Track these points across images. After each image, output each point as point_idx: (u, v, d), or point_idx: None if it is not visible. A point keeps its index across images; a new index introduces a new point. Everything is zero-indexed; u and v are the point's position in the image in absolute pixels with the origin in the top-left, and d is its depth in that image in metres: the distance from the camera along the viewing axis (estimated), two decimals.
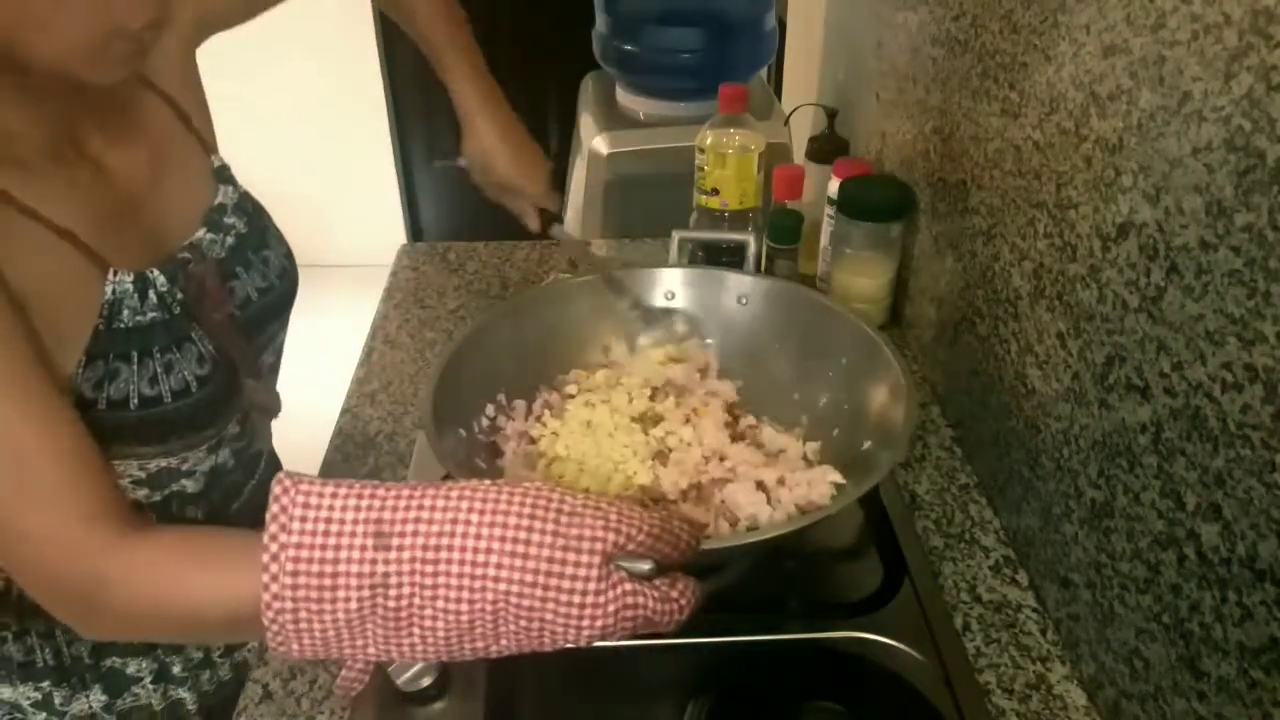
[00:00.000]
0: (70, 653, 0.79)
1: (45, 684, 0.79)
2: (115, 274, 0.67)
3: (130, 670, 0.82)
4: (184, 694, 0.85)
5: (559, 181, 1.04)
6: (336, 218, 3.18)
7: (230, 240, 0.78)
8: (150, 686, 0.83)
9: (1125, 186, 0.66)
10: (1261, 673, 0.54)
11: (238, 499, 0.84)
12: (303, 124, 3.00)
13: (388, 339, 1.20)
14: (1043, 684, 0.75)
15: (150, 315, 0.69)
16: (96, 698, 0.81)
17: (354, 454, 1.01)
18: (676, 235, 1.03)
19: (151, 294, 0.69)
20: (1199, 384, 0.58)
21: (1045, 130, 0.78)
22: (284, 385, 0.89)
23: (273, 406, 0.87)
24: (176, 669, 0.84)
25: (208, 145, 0.79)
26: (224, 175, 0.79)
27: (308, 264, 0.86)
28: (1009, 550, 0.87)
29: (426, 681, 0.71)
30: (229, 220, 0.78)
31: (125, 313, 0.67)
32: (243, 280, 0.78)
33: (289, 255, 0.84)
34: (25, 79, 0.62)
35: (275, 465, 0.94)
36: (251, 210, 0.81)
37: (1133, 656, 0.67)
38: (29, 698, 0.79)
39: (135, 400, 0.68)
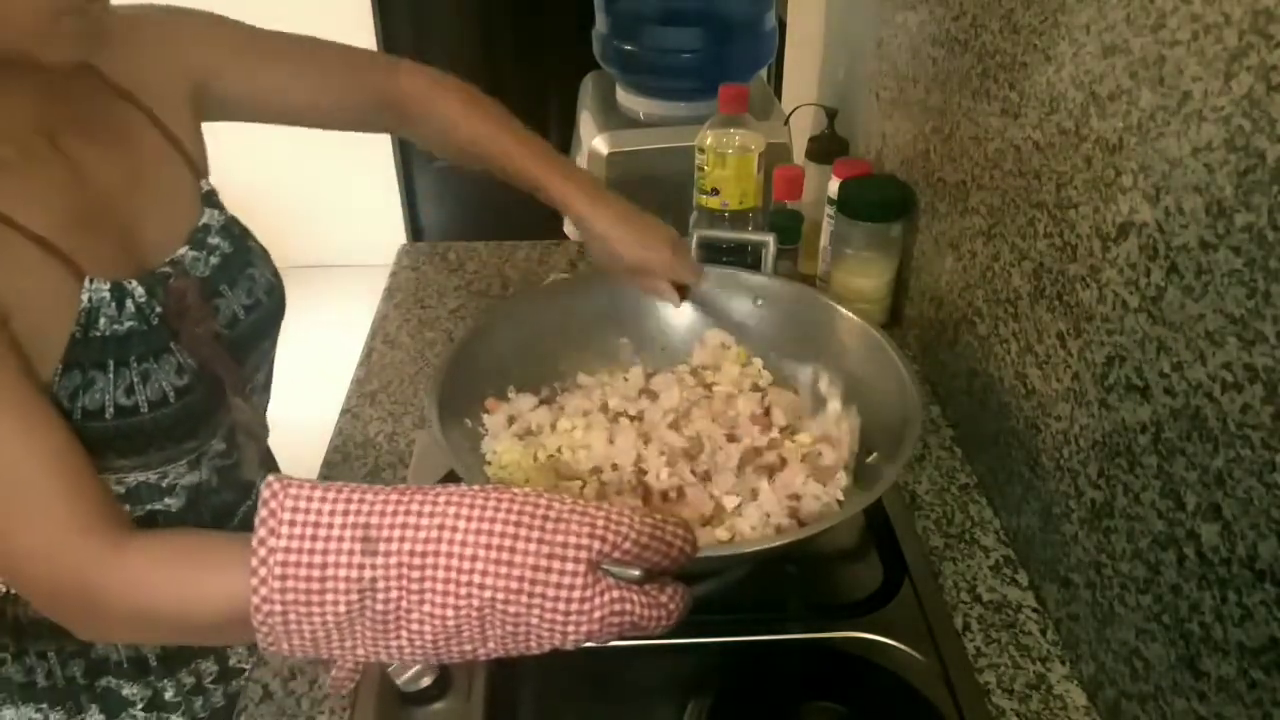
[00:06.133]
0: (64, 674, 0.79)
1: (44, 705, 0.79)
2: (92, 282, 0.66)
3: (125, 693, 0.81)
4: (177, 719, 0.84)
5: (687, 248, 0.96)
6: (337, 218, 3.18)
7: (215, 260, 0.77)
8: (143, 714, 0.82)
9: (1125, 186, 0.66)
10: (1261, 673, 0.54)
11: (231, 521, 0.83)
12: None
13: (388, 339, 1.20)
14: (1043, 684, 0.75)
15: (128, 325, 0.68)
16: (94, 718, 0.81)
17: (354, 454, 1.01)
18: (695, 234, 1.03)
19: (129, 304, 0.68)
20: (1199, 384, 0.58)
21: (1045, 130, 0.78)
22: (284, 386, 0.89)
23: (260, 432, 0.86)
24: (169, 694, 0.83)
25: (198, 169, 0.79)
26: (211, 200, 0.79)
27: (308, 264, 0.87)
28: (1009, 550, 0.87)
29: (426, 682, 0.71)
30: (213, 240, 0.77)
31: (102, 321, 0.67)
32: (228, 298, 0.77)
33: (276, 274, 0.84)
34: None
35: None
36: (238, 233, 0.81)
37: (1133, 656, 0.67)
38: (30, 719, 0.79)
39: (111, 410, 0.67)
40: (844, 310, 0.91)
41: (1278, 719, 0.53)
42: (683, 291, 0.96)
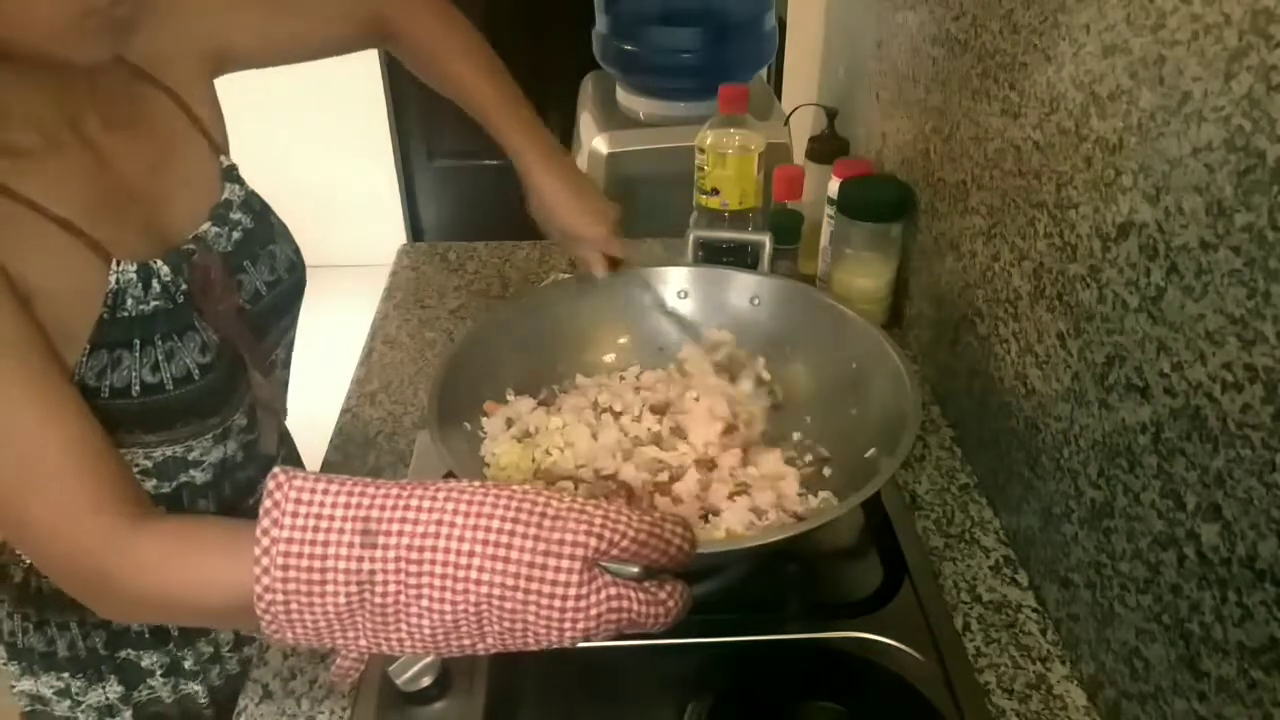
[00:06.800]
0: (85, 644, 0.80)
1: (65, 674, 0.81)
2: (119, 264, 0.67)
3: (145, 663, 0.83)
4: (195, 687, 0.86)
5: (621, 230, 0.96)
6: (336, 218, 3.18)
7: (237, 235, 0.78)
8: (162, 680, 0.84)
9: (1125, 186, 0.66)
10: (1261, 673, 0.54)
11: (251, 495, 0.85)
12: (303, 123, 3.00)
13: (388, 339, 1.20)
14: (1043, 684, 0.75)
15: (153, 304, 0.69)
16: (113, 689, 0.82)
17: (354, 454, 1.01)
18: (692, 234, 1.03)
19: (155, 283, 0.70)
20: (1199, 384, 0.58)
21: (1045, 130, 0.78)
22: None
23: (279, 408, 0.87)
24: (188, 663, 0.85)
25: (217, 146, 0.80)
26: (232, 175, 0.80)
27: (308, 264, 0.87)
28: (1009, 550, 0.87)
29: (426, 681, 0.71)
30: (235, 216, 0.78)
31: (129, 302, 0.68)
32: (250, 274, 0.79)
33: (296, 251, 0.85)
34: (18, 65, 0.62)
35: (294, 465, 0.95)
36: (258, 208, 0.82)
37: (1133, 656, 0.67)
38: (52, 687, 0.81)
39: (137, 387, 0.68)
40: (843, 308, 0.91)
41: (1278, 719, 0.53)
42: (613, 264, 0.97)
